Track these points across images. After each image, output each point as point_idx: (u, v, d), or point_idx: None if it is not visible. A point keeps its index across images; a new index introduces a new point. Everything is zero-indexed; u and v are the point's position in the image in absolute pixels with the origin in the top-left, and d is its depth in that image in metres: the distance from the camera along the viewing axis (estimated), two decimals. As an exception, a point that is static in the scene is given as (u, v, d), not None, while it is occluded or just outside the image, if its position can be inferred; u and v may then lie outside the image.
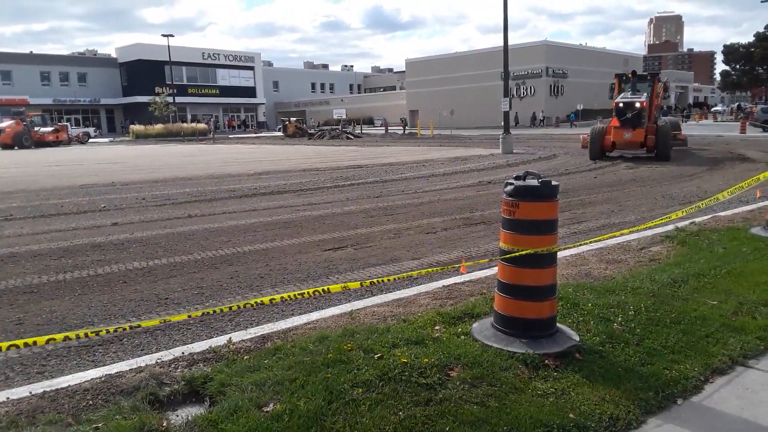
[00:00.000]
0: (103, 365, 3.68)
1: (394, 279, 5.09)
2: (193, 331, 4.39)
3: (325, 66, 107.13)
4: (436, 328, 3.91)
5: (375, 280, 3.80)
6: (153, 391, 3.07)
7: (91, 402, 3.03)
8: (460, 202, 10.83)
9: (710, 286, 4.77)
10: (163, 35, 59.83)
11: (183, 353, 3.69)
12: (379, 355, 3.43)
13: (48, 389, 3.20)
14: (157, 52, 66.51)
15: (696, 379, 3.24)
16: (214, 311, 3.01)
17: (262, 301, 3.08)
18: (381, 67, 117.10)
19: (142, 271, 6.22)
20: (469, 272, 5.48)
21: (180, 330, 4.41)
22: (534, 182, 3.52)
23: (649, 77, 20.17)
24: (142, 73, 69.16)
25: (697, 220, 7.67)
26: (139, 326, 2.70)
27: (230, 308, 3.08)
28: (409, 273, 4.13)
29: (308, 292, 3.20)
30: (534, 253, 3.46)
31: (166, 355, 3.69)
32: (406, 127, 53.54)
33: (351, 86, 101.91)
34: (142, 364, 3.49)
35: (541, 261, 3.52)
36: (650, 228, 6.77)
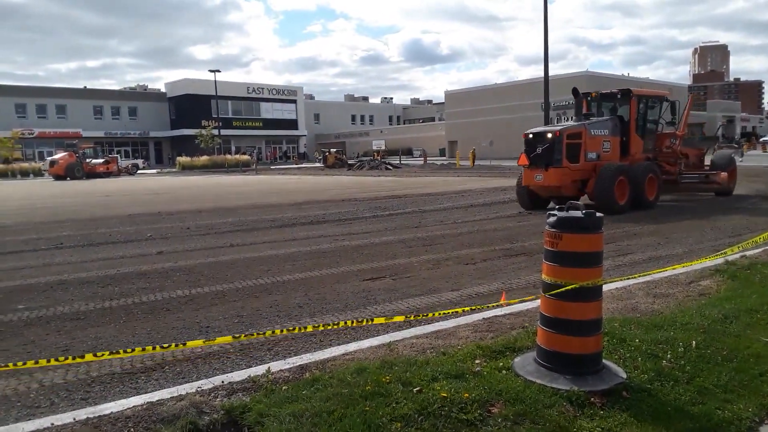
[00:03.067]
0: (145, 392, 3.72)
1: (439, 314, 5.03)
2: (233, 360, 4.42)
3: (365, 98, 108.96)
4: (477, 361, 3.83)
5: (420, 316, 3.76)
6: (193, 419, 3.08)
7: (132, 429, 3.06)
8: (500, 232, 10.71)
9: (763, 322, 4.56)
10: (210, 71, 62.11)
11: (223, 382, 3.70)
12: (418, 388, 3.37)
13: (91, 415, 3.25)
14: (204, 87, 68.89)
15: (750, 420, 3.08)
16: (287, 331, 3.02)
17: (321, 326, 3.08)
18: (420, 99, 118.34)
19: (185, 299, 6.33)
20: (509, 304, 5.38)
21: (220, 359, 4.43)
22: (578, 213, 3.45)
23: (620, 95, 14.24)
24: (190, 107, 71.65)
25: (748, 253, 7.37)
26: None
27: (293, 330, 3.08)
28: (455, 309, 4.08)
29: (349, 322, 3.19)
30: (578, 286, 3.37)
31: (206, 383, 3.71)
32: (427, 159, 53.74)
33: (390, 118, 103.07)
34: (183, 393, 3.51)
35: (585, 294, 3.43)
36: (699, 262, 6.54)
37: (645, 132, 14.46)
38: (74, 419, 3.23)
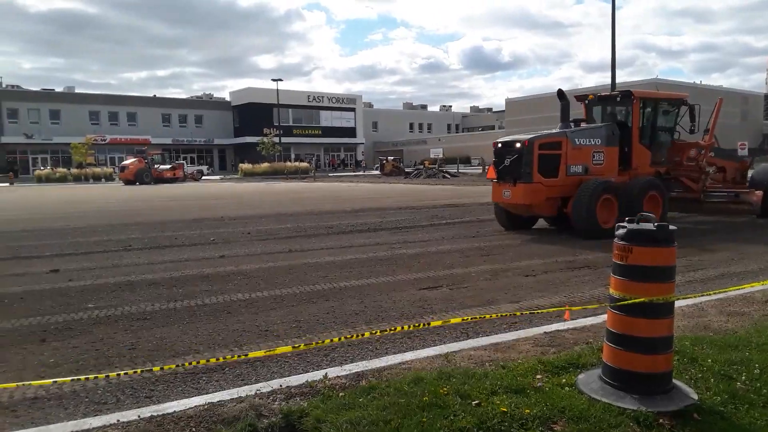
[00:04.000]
0: (206, 393, 3.80)
1: (499, 315, 4.92)
2: (290, 364, 4.45)
3: (424, 106, 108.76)
4: (538, 377, 3.71)
5: (478, 317, 3.68)
6: (252, 422, 3.12)
7: (194, 429, 3.12)
8: (562, 244, 10.42)
9: None
10: (273, 80, 63.72)
11: (281, 386, 3.73)
12: (476, 401, 3.30)
13: (155, 414, 3.35)
14: (267, 96, 70.76)
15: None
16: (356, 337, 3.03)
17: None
18: (480, 107, 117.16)
19: (245, 302, 6.45)
20: (573, 319, 5.21)
21: (278, 362, 4.48)
22: (649, 226, 3.30)
23: (619, 98, 12.23)
24: (253, 115, 73.75)
25: (835, 271, 6.87)
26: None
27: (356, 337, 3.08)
28: (513, 312, 3.97)
29: (405, 326, 3.15)
30: (649, 301, 3.22)
31: (265, 386, 3.76)
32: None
33: (449, 126, 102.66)
34: (243, 395, 3.57)
35: (656, 311, 3.27)
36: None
37: (654, 141, 12.35)
38: (139, 416, 3.33)
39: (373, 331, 3.33)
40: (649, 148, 12.17)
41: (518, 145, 11.10)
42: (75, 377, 3.87)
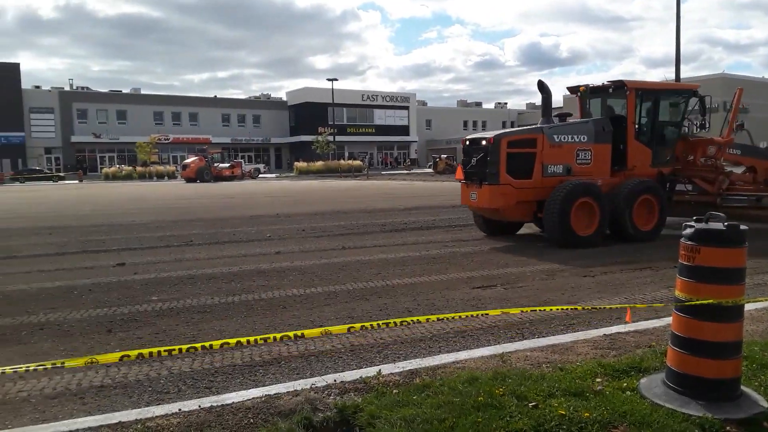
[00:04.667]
0: (263, 385, 3.88)
1: (557, 309, 4.81)
2: (344, 359, 4.49)
3: (479, 104, 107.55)
4: (598, 380, 3.60)
5: (536, 308, 3.61)
6: (307, 415, 3.16)
7: (252, 420, 3.20)
8: (621, 244, 10.10)
9: None
10: (328, 79, 64.53)
11: (335, 381, 3.77)
12: (533, 403, 3.23)
13: (215, 404, 3.44)
14: (322, 95, 71.71)
15: None
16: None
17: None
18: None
19: (300, 297, 6.55)
20: (634, 321, 5.04)
21: (332, 357, 4.52)
22: (719, 225, 3.14)
23: (612, 89, 10.92)
24: (308, 115, 74.90)
25: None
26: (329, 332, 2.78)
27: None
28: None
29: (460, 315, 3.11)
30: (717, 304, 3.07)
31: (320, 381, 3.80)
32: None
33: (504, 123, 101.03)
34: (298, 388, 3.62)
35: (725, 314, 3.12)
36: None
37: (655, 138, 10.93)
38: (199, 406, 3.43)
39: (428, 318, 3.31)
40: (650, 146, 10.80)
41: (484, 142, 10.05)
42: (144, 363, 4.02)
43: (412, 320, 3.95)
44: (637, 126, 10.69)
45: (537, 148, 9.93)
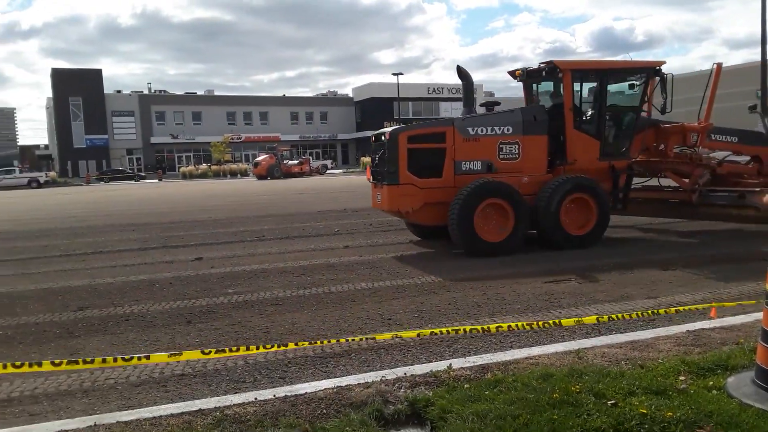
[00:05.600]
0: (335, 377, 3.93)
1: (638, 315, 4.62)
2: (414, 353, 4.47)
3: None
4: (681, 378, 3.42)
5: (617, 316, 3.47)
6: (379, 407, 3.18)
7: (324, 411, 3.24)
8: (703, 235, 9.56)
9: None
10: (393, 74, 64.69)
11: (405, 374, 3.77)
12: (612, 401, 3.10)
13: (289, 394, 3.52)
14: (387, 90, 72.03)
15: None
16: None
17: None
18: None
19: (368, 291, 6.60)
20: (720, 317, 4.76)
21: (401, 350, 4.52)
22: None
23: (545, 72, 9.37)
24: (374, 110, 75.44)
25: None
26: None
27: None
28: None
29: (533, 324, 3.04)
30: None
31: (390, 374, 3.81)
32: None
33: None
34: (369, 380, 3.65)
35: (823, 310, 2.85)
36: None
37: (603, 126, 9.33)
38: (274, 396, 3.52)
39: (501, 326, 3.25)
40: (597, 136, 9.23)
41: (383, 138, 9.00)
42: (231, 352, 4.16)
43: (482, 329, 3.88)
44: (574, 113, 9.14)
45: (447, 143, 8.73)
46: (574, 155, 9.10)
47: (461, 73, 9.59)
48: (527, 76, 9.79)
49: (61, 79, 68.51)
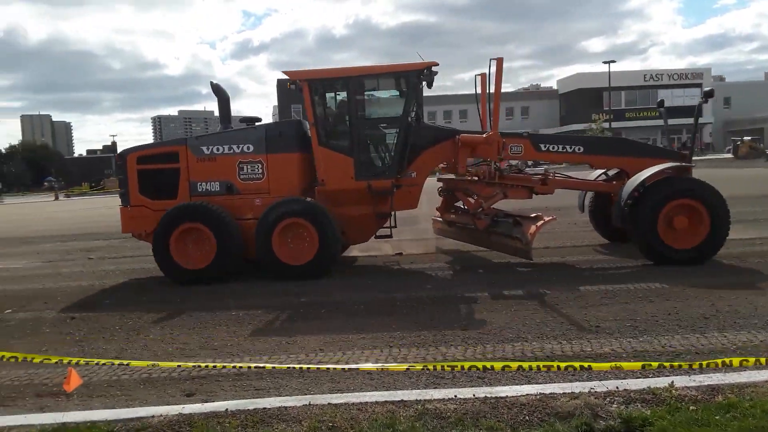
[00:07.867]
0: (536, 383, 3.76)
1: None
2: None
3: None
4: None
5: None
6: (588, 421, 2.96)
7: (527, 418, 3.11)
8: None
9: None
10: (604, 62, 60.74)
11: (617, 388, 3.47)
12: None
13: (489, 395, 3.45)
14: (596, 80, 67.76)
15: None
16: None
17: None
18: None
19: (571, 296, 6.23)
20: None
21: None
22: None
23: (292, 84, 8.40)
24: (580, 102, 71.55)
25: None
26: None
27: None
28: None
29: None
30: None
31: (599, 386, 3.53)
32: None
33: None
34: (576, 391, 3.42)
35: None
36: None
37: (359, 141, 8.11)
38: (474, 395, 3.48)
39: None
40: (350, 153, 8.03)
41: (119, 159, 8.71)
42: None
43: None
44: (319, 128, 8.09)
45: (180, 163, 8.23)
46: (323, 175, 8.10)
47: (216, 89, 9.04)
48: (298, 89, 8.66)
49: (284, 89, 76.83)
